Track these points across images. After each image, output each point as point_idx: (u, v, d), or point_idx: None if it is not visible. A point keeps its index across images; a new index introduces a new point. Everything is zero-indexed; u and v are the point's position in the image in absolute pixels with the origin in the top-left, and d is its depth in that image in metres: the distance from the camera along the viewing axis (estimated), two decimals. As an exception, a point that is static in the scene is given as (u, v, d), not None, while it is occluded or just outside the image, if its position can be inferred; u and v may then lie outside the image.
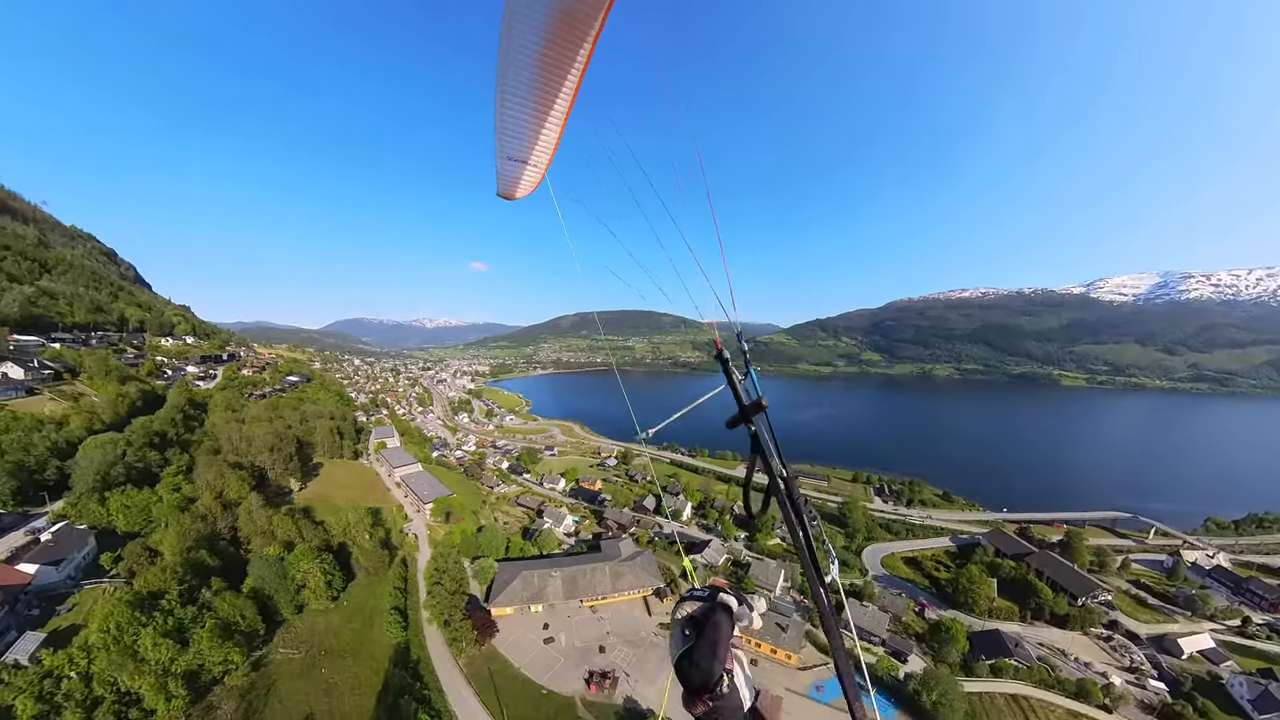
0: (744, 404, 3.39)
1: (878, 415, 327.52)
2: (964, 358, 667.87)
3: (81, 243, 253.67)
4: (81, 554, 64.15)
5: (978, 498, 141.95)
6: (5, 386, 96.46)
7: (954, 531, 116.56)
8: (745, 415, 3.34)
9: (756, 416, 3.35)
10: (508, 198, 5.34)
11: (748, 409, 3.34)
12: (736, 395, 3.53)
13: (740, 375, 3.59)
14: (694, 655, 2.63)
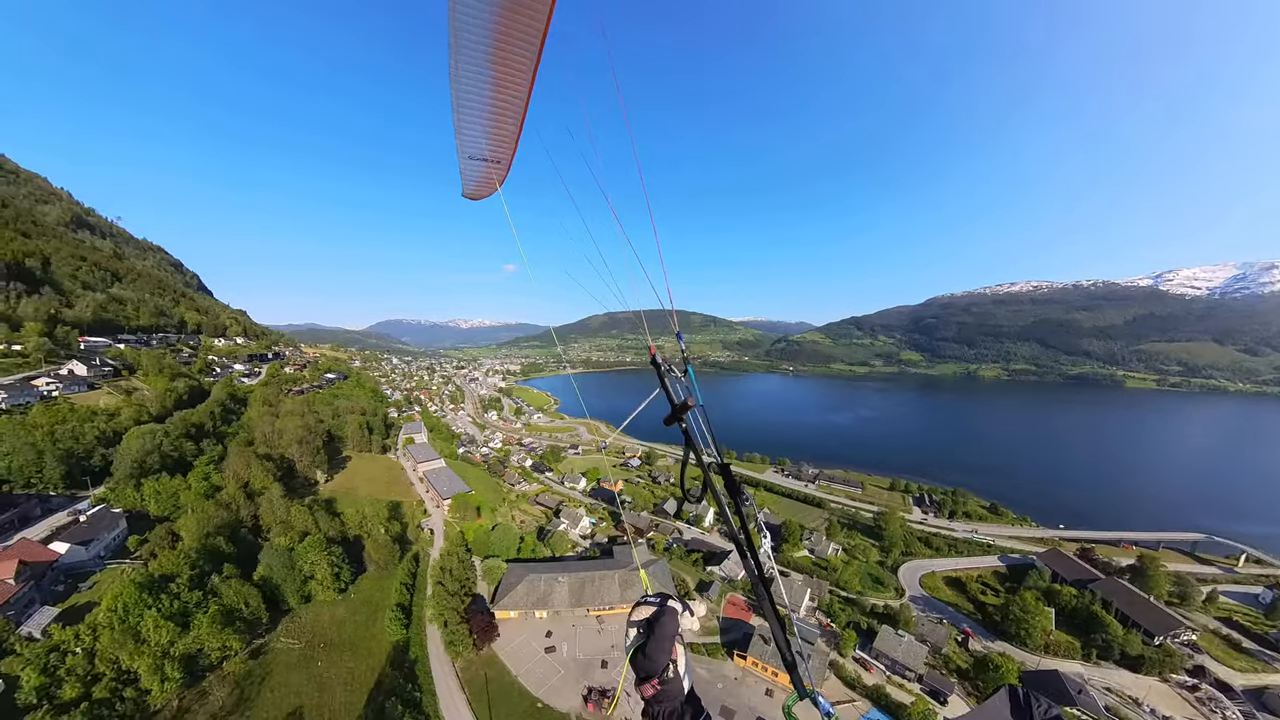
0: (675, 403, 3.73)
1: (917, 419, 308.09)
2: (1013, 357, 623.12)
3: (152, 254, 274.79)
4: (112, 535, 66.73)
5: (1030, 511, 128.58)
6: (70, 382, 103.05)
7: (1003, 550, 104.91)
8: (676, 414, 3.69)
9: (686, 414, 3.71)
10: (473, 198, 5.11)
11: (678, 408, 3.71)
12: (669, 396, 3.85)
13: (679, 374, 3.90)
14: (646, 649, 3.11)
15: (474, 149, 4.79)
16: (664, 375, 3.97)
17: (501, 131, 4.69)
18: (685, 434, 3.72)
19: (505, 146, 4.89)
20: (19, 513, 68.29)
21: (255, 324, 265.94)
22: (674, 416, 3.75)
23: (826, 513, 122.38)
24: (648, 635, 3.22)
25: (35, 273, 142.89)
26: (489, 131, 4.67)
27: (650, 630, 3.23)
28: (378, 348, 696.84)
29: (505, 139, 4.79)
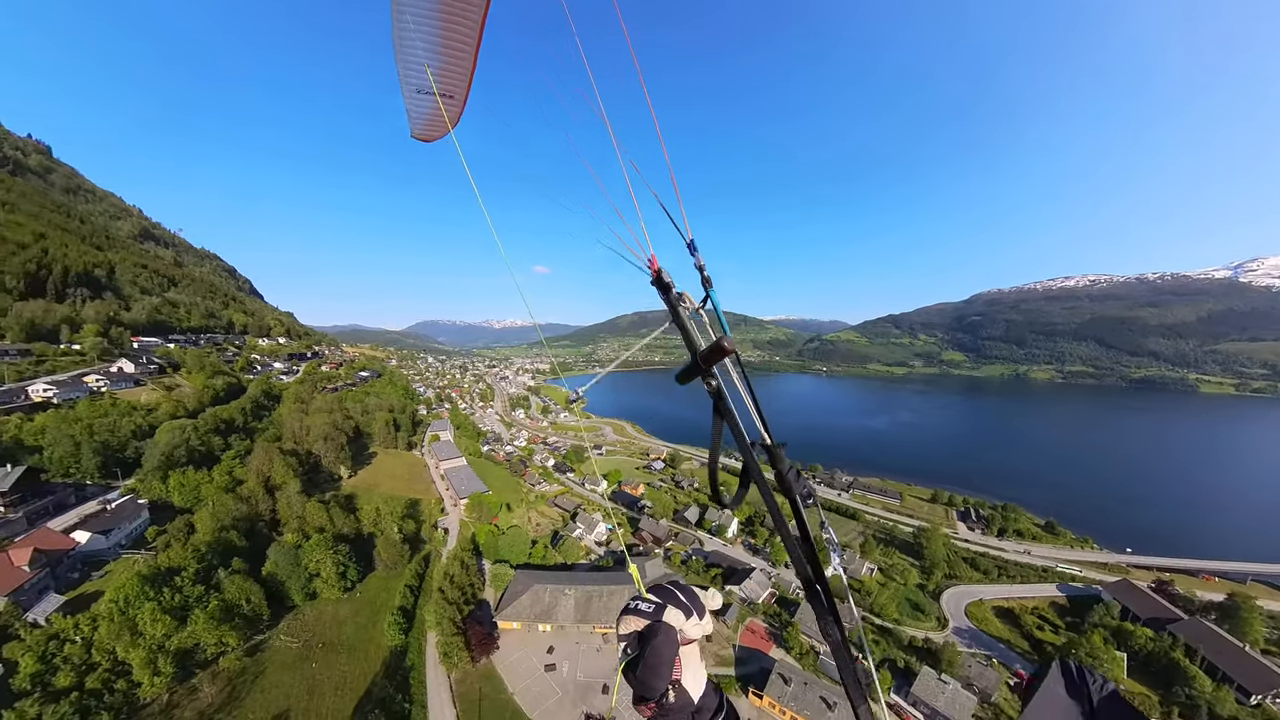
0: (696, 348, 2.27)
1: (961, 424, 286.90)
2: (1068, 357, 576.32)
3: (208, 261, 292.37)
4: (133, 525, 67.96)
5: (1091, 532, 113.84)
6: (118, 379, 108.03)
7: (1063, 577, 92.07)
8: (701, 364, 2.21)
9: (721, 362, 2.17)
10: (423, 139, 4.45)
11: (705, 354, 2.19)
12: (686, 336, 2.36)
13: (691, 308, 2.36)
14: (639, 673, 2.49)
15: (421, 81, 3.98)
16: (675, 302, 2.39)
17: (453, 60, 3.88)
18: (715, 397, 2.23)
19: (458, 79, 4.05)
20: (54, 500, 70.66)
21: (300, 325, 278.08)
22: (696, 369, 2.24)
23: (861, 526, 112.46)
24: (640, 654, 2.50)
25: (101, 280, 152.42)
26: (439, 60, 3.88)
27: (642, 650, 2.49)
28: (415, 347, 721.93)
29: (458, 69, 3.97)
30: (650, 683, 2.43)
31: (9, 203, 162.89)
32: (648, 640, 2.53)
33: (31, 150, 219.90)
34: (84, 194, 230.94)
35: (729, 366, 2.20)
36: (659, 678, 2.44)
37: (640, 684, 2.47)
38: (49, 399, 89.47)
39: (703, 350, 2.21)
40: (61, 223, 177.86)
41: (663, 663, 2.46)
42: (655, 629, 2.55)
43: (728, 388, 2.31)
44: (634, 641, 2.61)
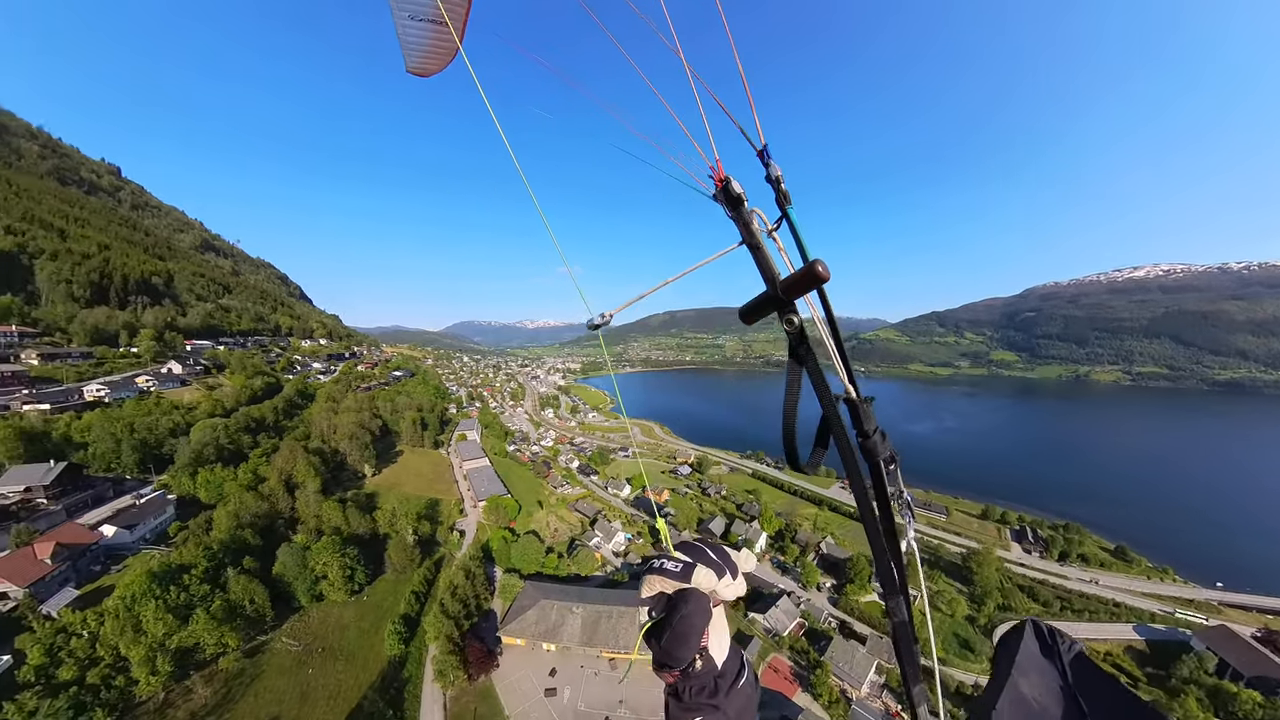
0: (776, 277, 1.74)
1: (1014, 430, 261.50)
2: (1137, 357, 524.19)
3: (263, 269, 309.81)
4: (158, 520, 69.30)
5: (1172, 561, 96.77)
6: (166, 379, 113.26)
7: (1139, 615, 77.19)
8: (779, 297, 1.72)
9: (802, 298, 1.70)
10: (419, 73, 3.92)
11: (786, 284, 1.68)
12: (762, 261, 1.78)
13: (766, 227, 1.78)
14: (663, 640, 2.22)
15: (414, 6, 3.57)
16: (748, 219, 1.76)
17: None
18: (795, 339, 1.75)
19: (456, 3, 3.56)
20: (94, 494, 73.28)
21: (343, 326, 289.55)
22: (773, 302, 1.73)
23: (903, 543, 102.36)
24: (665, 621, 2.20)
25: (159, 287, 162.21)
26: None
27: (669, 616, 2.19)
28: (452, 347, 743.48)
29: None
30: (677, 652, 2.19)
31: (81, 219, 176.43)
32: (678, 607, 2.21)
33: (104, 172, 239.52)
34: (150, 209, 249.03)
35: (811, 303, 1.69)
36: (687, 648, 2.18)
37: (665, 653, 2.20)
38: (101, 398, 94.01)
39: (785, 279, 1.69)
40: (126, 235, 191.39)
41: (693, 632, 2.19)
42: (686, 595, 2.23)
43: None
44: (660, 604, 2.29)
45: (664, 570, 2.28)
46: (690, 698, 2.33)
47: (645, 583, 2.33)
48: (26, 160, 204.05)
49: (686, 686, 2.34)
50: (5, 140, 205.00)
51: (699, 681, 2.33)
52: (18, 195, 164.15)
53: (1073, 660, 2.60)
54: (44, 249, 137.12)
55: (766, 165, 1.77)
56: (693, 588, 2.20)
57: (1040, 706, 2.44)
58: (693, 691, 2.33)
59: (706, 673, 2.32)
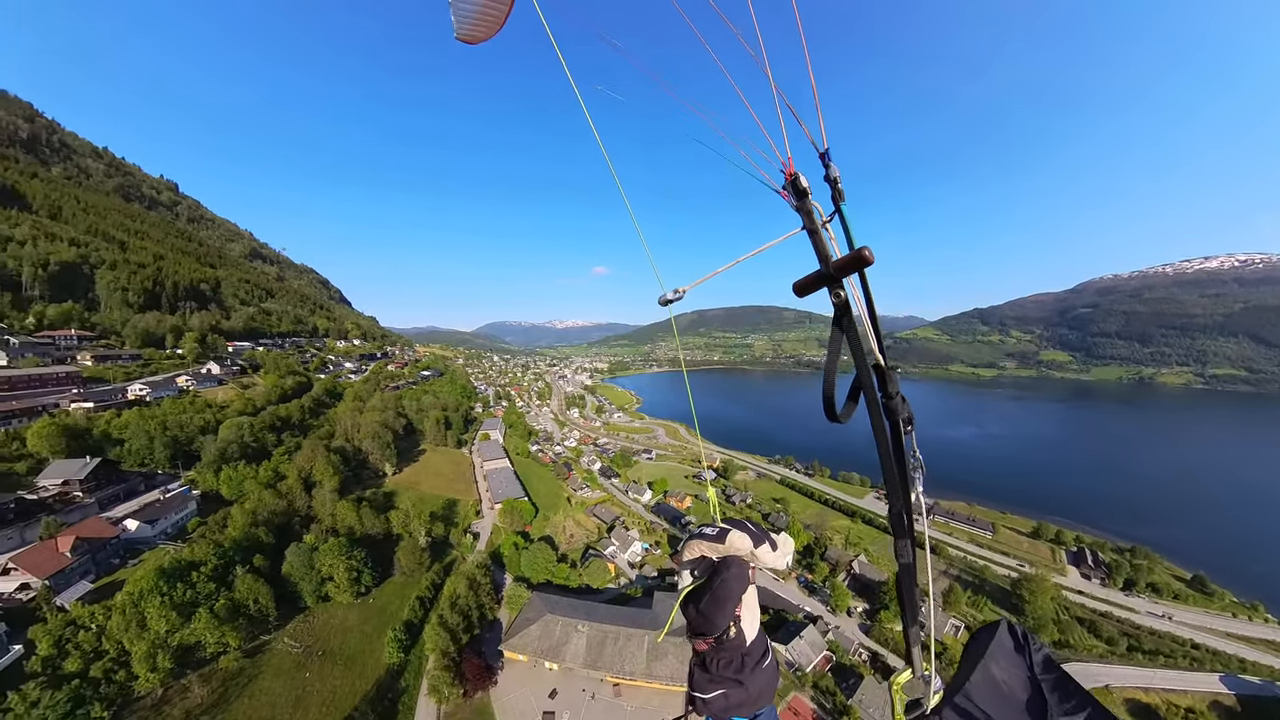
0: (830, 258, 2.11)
1: (1068, 439, 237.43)
2: (1211, 357, 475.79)
3: (306, 274, 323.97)
4: (179, 516, 70.05)
5: (1265, 596, 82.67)
6: (205, 379, 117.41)
7: (1225, 662, 65.07)
8: (828, 274, 2.07)
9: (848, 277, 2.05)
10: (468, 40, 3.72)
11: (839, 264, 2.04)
12: (818, 244, 2.15)
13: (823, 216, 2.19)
14: (700, 605, 2.39)
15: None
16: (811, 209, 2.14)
17: None
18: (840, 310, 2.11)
19: None
20: (126, 487, 75.32)
21: (378, 327, 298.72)
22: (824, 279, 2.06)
23: (944, 563, 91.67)
24: (705, 586, 2.39)
25: (206, 293, 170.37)
26: None
27: (709, 581, 2.37)
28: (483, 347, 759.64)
29: None
30: (714, 618, 2.34)
31: (141, 231, 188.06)
32: (719, 571, 2.37)
33: (163, 188, 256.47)
34: (205, 221, 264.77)
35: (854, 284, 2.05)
36: (724, 614, 2.34)
37: (703, 618, 2.36)
38: (142, 397, 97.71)
39: (838, 259, 2.03)
40: (181, 246, 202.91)
41: (731, 597, 2.34)
42: (728, 561, 2.39)
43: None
44: (703, 568, 2.44)
45: (703, 535, 2.45)
46: (717, 670, 2.43)
47: (687, 547, 2.48)
48: (94, 179, 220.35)
49: (715, 658, 2.45)
50: (74, 160, 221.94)
51: (727, 654, 2.43)
52: (85, 211, 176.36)
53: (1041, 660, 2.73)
54: (104, 259, 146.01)
55: (827, 167, 2.08)
56: (735, 555, 2.37)
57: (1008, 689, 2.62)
58: (720, 664, 2.43)
59: (736, 646, 2.42)
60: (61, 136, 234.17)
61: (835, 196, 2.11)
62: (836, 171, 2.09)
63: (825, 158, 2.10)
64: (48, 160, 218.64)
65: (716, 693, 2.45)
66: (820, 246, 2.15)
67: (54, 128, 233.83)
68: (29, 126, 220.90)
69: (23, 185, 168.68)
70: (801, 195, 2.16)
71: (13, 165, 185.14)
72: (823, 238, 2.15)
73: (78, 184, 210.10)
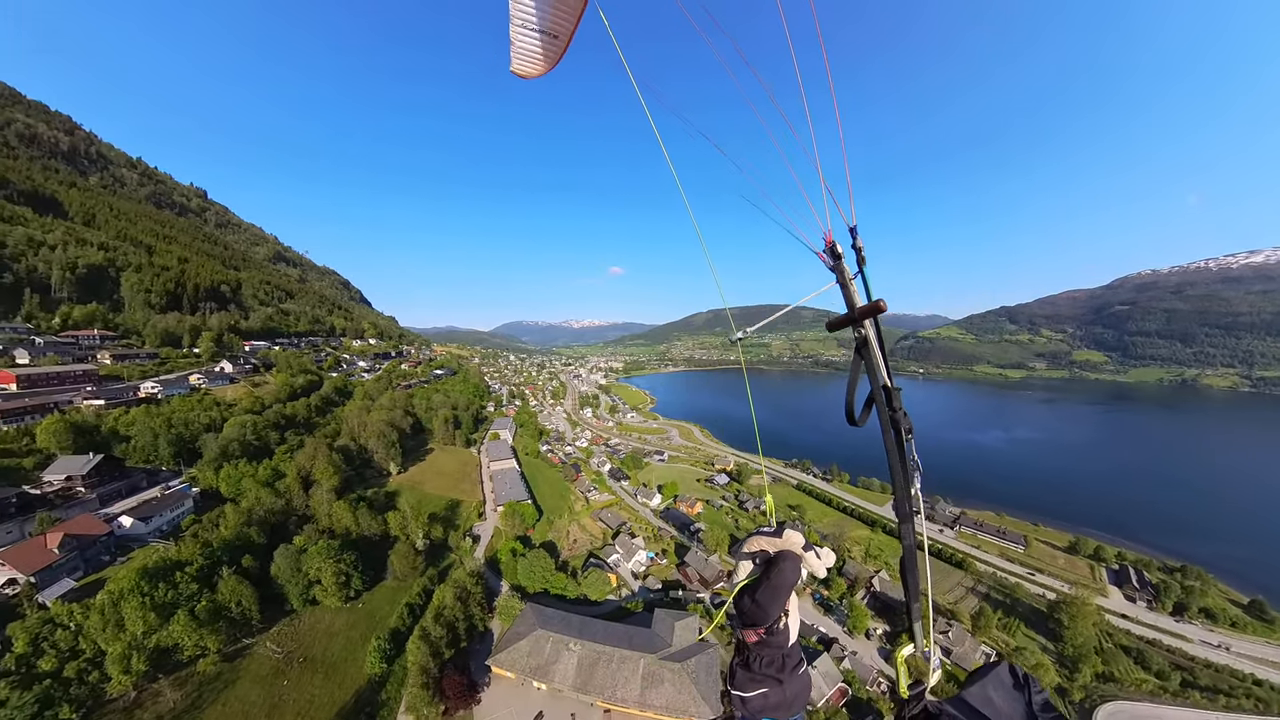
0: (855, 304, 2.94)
1: (1106, 446, 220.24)
2: (1259, 358, 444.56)
3: (327, 276, 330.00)
4: (175, 513, 68.78)
5: None
6: (217, 377, 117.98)
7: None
8: (855, 317, 2.86)
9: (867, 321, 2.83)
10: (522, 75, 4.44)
11: (862, 311, 2.86)
12: (847, 294, 2.93)
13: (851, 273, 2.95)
14: (757, 594, 2.63)
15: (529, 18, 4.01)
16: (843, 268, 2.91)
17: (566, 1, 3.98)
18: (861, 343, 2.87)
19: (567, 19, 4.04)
20: (128, 483, 74.74)
21: (396, 327, 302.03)
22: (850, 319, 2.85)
23: (971, 579, 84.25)
24: (762, 577, 2.65)
25: (226, 295, 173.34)
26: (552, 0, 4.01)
27: (766, 572, 2.64)
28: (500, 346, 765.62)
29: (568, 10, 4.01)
30: (769, 607, 2.55)
31: (170, 236, 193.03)
32: (776, 563, 2.60)
33: (192, 195, 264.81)
34: (232, 226, 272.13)
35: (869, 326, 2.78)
36: (777, 603, 2.55)
37: (759, 606, 2.56)
38: (154, 395, 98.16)
39: (861, 306, 2.81)
40: (207, 250, 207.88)
41: (786, 586, 2.55)
42: (785, 554, 2.61)
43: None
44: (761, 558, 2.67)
45: (763, 532, 2.75)
46: (760, 668, 2.61)
47: (749, 541, 2.77)
48: (128, 187, 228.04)
49: (760, 655, 2.63)
50: (110, 170, 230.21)
51: (772, 651, 2.61)
52: (116, 217, 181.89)
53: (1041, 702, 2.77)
54: (131, 263, 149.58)
55: (854, 238, 2.78)
56: (790, 550, 2.63)
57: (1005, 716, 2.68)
58: (764, 662, 2.61)
59: (780, 645, 2.61)
60: (99, 148, 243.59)
61: (860, 261, 2.81)
62: (861, 242, 2.79)
63: (854, 231, 2.84)
64: (86, 170, 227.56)
65: (758, 691, 2.57)
66: (849, 297, 2.86)
67: (92, 139, 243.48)
68: (69, 139, 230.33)
69: (61, 194, 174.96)
70: (836, 257, 2.85)
71: (53, 175, 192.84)
72: (851, 290, 2.86)
73: (112, 192, 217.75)
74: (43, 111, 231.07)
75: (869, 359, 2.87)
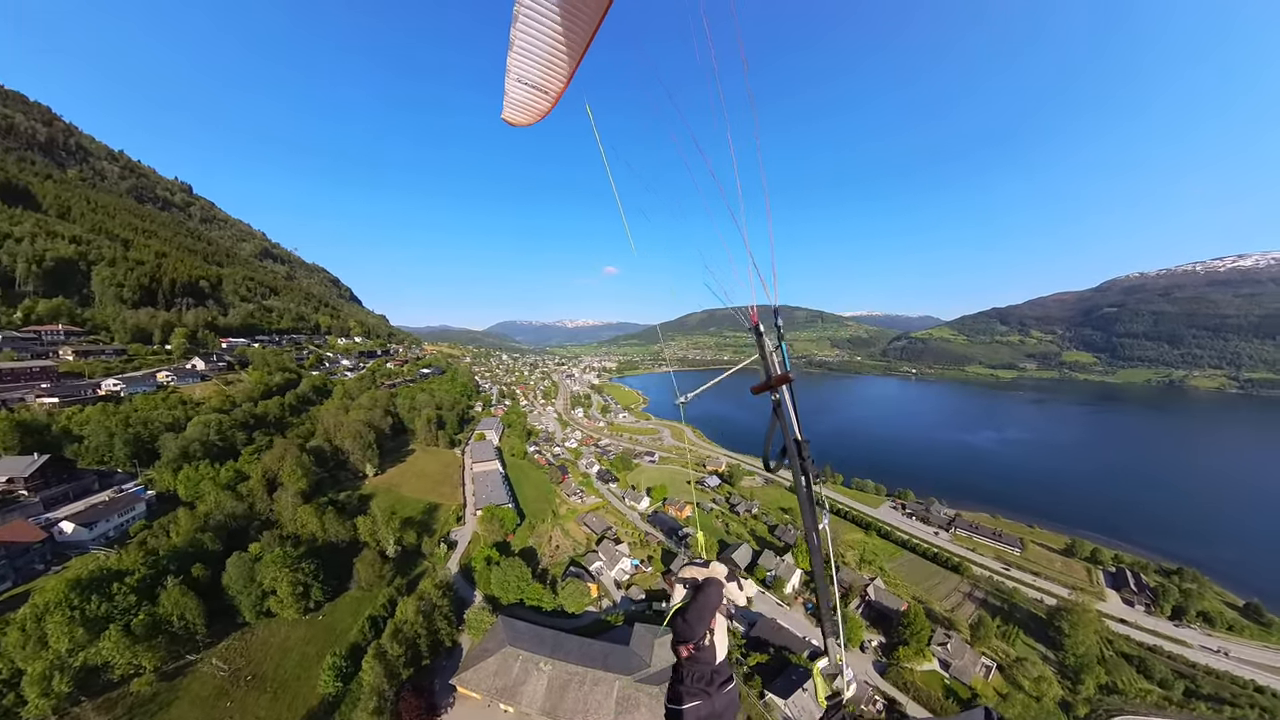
0: (770, 374, 3.61)
1: (1098, 446, 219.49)
2: (1247, 360, 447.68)
3: (317, 273, 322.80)
4: (123, 519, 64.10)
5: None
6: (187, 375, 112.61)
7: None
8: (771, 384, 3.56)
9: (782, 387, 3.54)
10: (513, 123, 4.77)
11: (775, 379, 3.56)
12: (766, 366, 3.72)
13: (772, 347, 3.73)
14: (687, 614, 3.14)
15: (525, 73, 4.35)
16: (763, 345, 3.76)
17: (558, 62, 4.31)
18: (775, 405, 3.58)
19: (558, 78, 4.46)
20: (78, 486, 69.68)
21: (386, 325, 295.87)
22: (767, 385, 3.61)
23: (968, 583, 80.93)
24: (691, 601, 3.20)
25: (205, 290, 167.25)
26: (546, 59, 4.27)
27: (694, 596, 3.23)
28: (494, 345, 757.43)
29: (559, 71, 4.38)
30: (695, 625, 3.06)
31: (150, 230, 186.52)
32: (702, 588, 3.21)
33: (176, 189, 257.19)
34: (217, 222, 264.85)
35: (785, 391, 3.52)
36: (702, 622, 3.07)
37: (687, 625, 3.07)
38: (116, 392, 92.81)
39: (775, 375, 3.56)
40: (189, 245, 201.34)
41: (710, 607, 3.11)
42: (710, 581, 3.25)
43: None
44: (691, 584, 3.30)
45: (694, 563, 3.47)
46: (691, 682, 2.99)
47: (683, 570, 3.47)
48: (108, 180, 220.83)
49: (691, 670, 3.03)
50: (89, 163, 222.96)
51: (701, 668, 3.02)
52: (93, 210, 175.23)
53: None
54: (104, 256, 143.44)
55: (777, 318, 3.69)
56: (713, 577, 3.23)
57: None
58: (694, 677, 3.00)
59: (708, 661, 3.03)
60: (78, 139, 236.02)
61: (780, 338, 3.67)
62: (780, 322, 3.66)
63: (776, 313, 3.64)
64: (64, 163, 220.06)
65: (691, 704, 2.93)
66: (766, 367, 3.63)
67: (71, 131, 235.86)
68: (47, 130, 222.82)
69: (35, 186, 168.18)
70: (759, 335, 3.68)
71: (28, 167, 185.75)
72: (770, 361, 3.62)
73: (91, 185, 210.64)
74: (20, 102, 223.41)
75: (784, 418, 3.46)
